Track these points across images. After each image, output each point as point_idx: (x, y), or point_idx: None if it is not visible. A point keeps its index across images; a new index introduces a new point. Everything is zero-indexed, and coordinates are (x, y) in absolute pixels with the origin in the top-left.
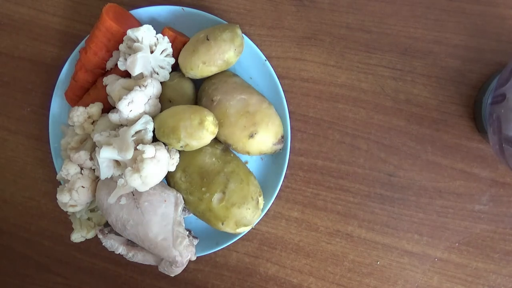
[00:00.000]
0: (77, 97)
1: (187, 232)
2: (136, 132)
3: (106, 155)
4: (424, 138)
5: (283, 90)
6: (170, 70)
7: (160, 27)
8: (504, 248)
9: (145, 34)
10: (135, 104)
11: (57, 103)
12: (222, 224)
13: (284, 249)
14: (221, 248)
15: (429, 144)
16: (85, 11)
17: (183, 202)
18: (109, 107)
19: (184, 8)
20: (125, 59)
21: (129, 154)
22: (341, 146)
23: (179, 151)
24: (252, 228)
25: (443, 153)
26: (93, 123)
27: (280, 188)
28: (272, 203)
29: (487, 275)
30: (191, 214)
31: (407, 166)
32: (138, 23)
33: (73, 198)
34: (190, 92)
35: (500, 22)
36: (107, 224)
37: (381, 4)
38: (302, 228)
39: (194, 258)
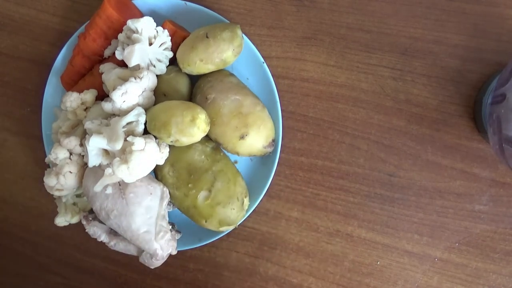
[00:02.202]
0: (72, 81)
1: (170, 226)
2: (128, 123)
3: (95, 143)
4: (424, 138)
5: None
6: (168, 63)
7: (161, 19)
8: (504, 248)
9: (145, 26)
10: (129, 95)
11: (52, 87)
12: (206, 221)
13: (284, 249)
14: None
15: (429, 144)
16: (85, 11)
17: (168, 196)
18: (103, 95)
19: (187, 2)
20: (123, 49)
21: (118, 145)
22: (341, 146)
23: (169, 146)
24: (235, 228)
25: (443, 153)
26: (86, 109)
27: (280, 188)
28: (259, 202)
29: (487, 275)
30: (176, 209)
31: (407, 166)
32: (140, 13)
33: (59, 182)
34: (185, 87)
35: (500, 22)
36: (91, 211)
37: (381, 4)
38: (302, 228)
39: (174, 253)
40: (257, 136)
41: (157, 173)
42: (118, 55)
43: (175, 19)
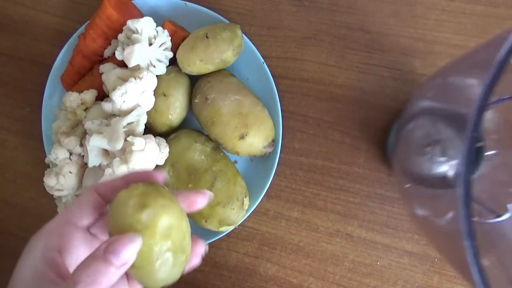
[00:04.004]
0: (72, 81)
1: None
2: (128, 124)
3: (95, 143)
4: None
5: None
6: (168, 64)
7: (161, 19)
8: None
9: (145, 26)
10: (129, 95)
11: (52, 87)
12: (206, 221)
13: (284, 249)
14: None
15: None
16: (85, 12)
17: None
18: (103, 95)
19: (187, 2)
20: (123, 49)
21: (119, 145)
22: (341, 146)
23: (169, 146)
24: (235, 228)
25: None
26: (86, 109)
27: (280, 188)
28: (259, 202)
29: None
30: None
31: None
32: (140, 13)
33: (59, 182)
34: (185, 88)
35: (500, 22)
36: None
37: (381, 4)
38: (302, 228)
39: None
40: (257, 136)
41: None
42: (118, 55)
43: (175, 19)
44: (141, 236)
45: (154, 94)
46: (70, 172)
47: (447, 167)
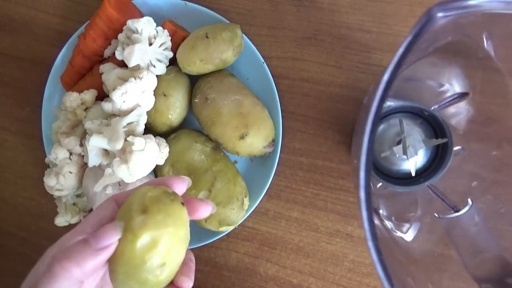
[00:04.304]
0: (72, 81)
1: None
2: (128, 124)
3: (95, 143)
4: None
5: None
6: (168, 64)
7: (161, 19)
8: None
9: (145, 26)
10: (129, 95)
11: (52, 87)
12: (206, 221)
13: (284, 249)
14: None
15: None
16: (85, 12)
17: None
18: (103, 95)
19: (187, 2)
20: (123, 49)
21: (119, 145)
22: (341, 146)
23: (169, 146)
24: (235, 228)
25: None
26: (86, 109)
27: (280, 188)
28: (259, 202)
29: None
30: None
31: None
32: (140, 13)
33: (59, 182)
34: (185, 88)
35: None
36: (91, 211)
37: (381, 4)
38: (302, 228)
39: None
40: (257, 136)
41: (157, 174)
42: (118, 55)
43: (175, 19)
44: (124, 234)
45: (154, 94)
46: (70, 172)
47: (407, 165)
